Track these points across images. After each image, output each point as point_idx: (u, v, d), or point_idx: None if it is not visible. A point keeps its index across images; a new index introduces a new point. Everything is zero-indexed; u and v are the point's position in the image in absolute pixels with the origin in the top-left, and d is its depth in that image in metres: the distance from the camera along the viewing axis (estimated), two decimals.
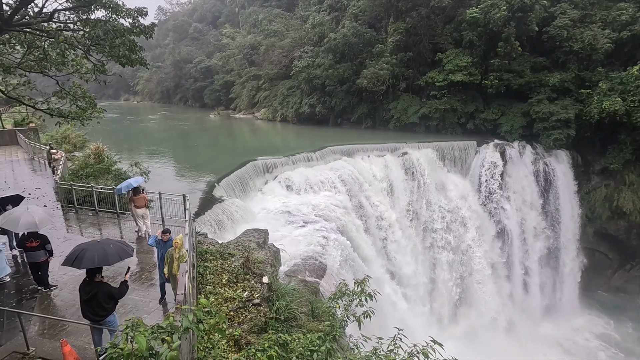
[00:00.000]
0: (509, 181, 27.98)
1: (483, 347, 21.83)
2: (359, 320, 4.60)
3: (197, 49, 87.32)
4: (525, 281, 28.02)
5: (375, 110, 39.18)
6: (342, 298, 4.98)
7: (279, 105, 50.32)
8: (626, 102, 26.21)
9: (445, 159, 28.13)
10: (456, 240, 26.24)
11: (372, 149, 27.08)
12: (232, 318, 10.25)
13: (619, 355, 24.71)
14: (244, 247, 13.25)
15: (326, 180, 22.41)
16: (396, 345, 4.03)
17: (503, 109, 32.02)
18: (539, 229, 28.78)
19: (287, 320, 10.76)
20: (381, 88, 36.41)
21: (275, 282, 12.03)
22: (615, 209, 28.29)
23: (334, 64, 39.85)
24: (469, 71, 32.10)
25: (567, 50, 29.83)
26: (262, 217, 18.94)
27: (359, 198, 23.11)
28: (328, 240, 17.80)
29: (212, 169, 22.05)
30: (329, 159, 25.37)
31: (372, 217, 23.15)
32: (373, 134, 35.83)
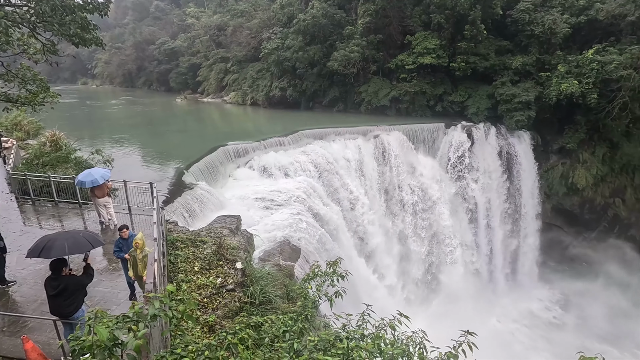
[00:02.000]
0: (475, 161, 29.09)
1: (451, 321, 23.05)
2: (331, 299, 4.71)
3: (159, 30, 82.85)
4: (490, 256, 29.66)
5: (346, 93, 39.13)
6: (315, 279, 5.07)
7: (248, 88, 49.11)
8: (582, 84, 27.64)
9: (416, 141, 28.74)
10: (427, 220, 27.20)
11: (344, 133, 27.16)
12: (206, 305, 10.21)
13: (571, 318, 26.96)
14: (216, 233, 13.09)
15: (299, 165, 22.35)
16: (365, 321, 4.17)
17: (470, 92, 32.91)
18: (503, 206, 30.34)
19: (262, 304, 10.85)
20: (352, 71, 36.30)
21: (249, 267, 12.03)
22: (571, 186, 30.23)
23: (304, 46, 39.15)
24: (438, 54, 32.58)
25: (529, 34, 30.86)
26: (235, 203, 18.69)
27: (332, 182, 23.28)
28: (302, 224, 17.90)
29: (180, 156, 21.36)
30: (301, 143, 25.23)
31: (345, 200, 23.46)
32: (345, 117, 35.90)
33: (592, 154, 30.07)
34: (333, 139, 26.34)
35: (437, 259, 27.09)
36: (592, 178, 29.80)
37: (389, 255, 24.55)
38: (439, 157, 29.27)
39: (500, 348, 20.95)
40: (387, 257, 24.25)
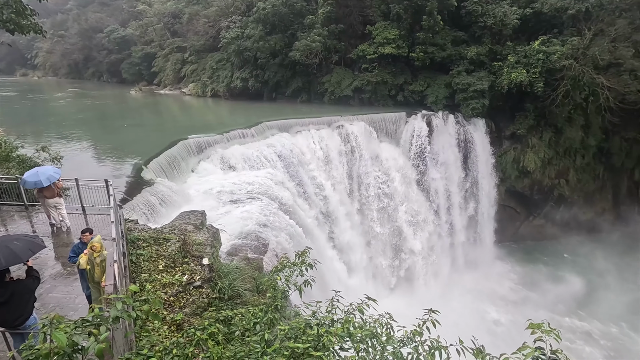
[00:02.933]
0: (435, 149, 30.26)
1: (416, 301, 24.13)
2: (300, 289, 4.76)
3: (108, 16, 77.40)
4: (451, 238, 31.20)
5: (309, 83, 38.97)
6: (284, 270, 5.09)
7: (208, 79, 47.44)
8: (529, 73, 29.44)
9: (379, 130, 29.31)
10: (392, 207, 28.01)
11: (308, 123, 27.12)
12: (173, 303, 9.93)
13: (523, 290, 29.19)
14: (180, 230, 12.69)
15: (264, 157, 22.08)
16: (334, 307, 4.26)
17: (429, 81, 33.96)
18: (462, 190, 31.92)
19: (232, 298, 10.74)
20: (314, 61, 36.15)
21: (216, 262, 11.81)
22: (522, 169, 32.38)
23: (264, 35, 38.34)
24: (397, 44, 33.21)
25: (482, 26, 32.25)
26: (198, 198, 18.18)
27: (298, 173, 23.25)
28: (269, 216, 17.79)
29: (138, 151, 20.32)
30: (265, 134, 24.89)
31: (311, 190, 23.56)
32: (309, 108, 35.80)
33: (540, 139, 32.31)
34: (298, 130, 26.23)
35: (402, 243, 28.08)
36: (540, 161, 32.08)
37: (357, 242, 25.10)
38: (401, 146, 30.10)
39: (463, 323, 22.26)
40: (354, 245, 24.77)
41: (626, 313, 26.21)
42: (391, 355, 3.55)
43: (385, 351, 3.65)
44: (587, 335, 25.18)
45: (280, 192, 20.14)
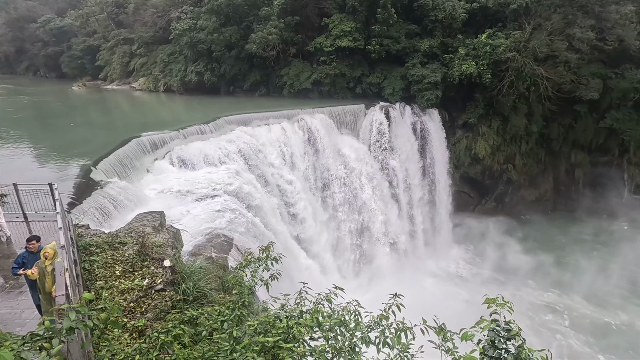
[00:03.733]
0: (394, 139, 31.15)
1: (382, 288, 24.94)
2: (267, 283, 4.73)
3: (41, 5, 70.80)
4: (412, 225, 32.45)
5: (268, 77, 38.35)
6: (249, 266, 5.02)
7: (160, 73, 45.11)
8: (478, 65, 31.07)
9: (339, 123, 29.60)
10: (354, 197, 28.53)
11: (268, 117, 26.76)
12: (134, 309, 9.46)
13: (480, 269, 31.22)
14: (137, 233, 12.07)
15: (224, 153, 21.50)
16: (302, 298, 4.30)
17: (385, 73, 34.73)
18: (420, 179, 33.23)
19: (197, 299, 10.44)
20: (272, 54, 35.57)
21: (178, 263, 11.40)
22: (474, 156, 34.32)
23: (218, 27, 37.04)
24: (354, 37, 33.56)
25: (433, 19, 33.44)
26: (156, 198, 17.39)
27: (260, 168, 22.92)
28: (232, 213, 17.44)
29: (85, 151, 18.93)
30: (224, 130, 24.22)
31: (274, 185, 23.37)
32: (268, 102, 35.29)
33: (489, 127, 34.37)
34: (258, 124, 25.81)
35: (366, 232, 28.77)
36: (489, 148, 34.17)
37: (321, 234, 25.35)
38: (361, 137, 30.64)
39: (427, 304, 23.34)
40: (319, 237, 25.00)
41: (569, 281, 29.06)
42: (359, 340, 3.65)
43: (354, 337, 3.75)
44: (541, 304, 27.60)
45: (243, 187, 19.77)
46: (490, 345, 3.19)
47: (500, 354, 3.13)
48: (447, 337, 4.24)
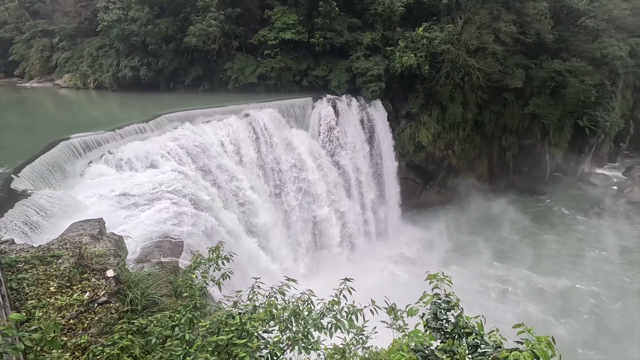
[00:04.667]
0: (342, 131, 31.73)
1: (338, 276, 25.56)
2: (218, 283, 4.63)
3: None
4: (363, 214, 33.50)
5: (210, 71, 36.88)
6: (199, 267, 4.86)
7: (89, 69, 41.35)
8: (417, 57, 32.58)
9: (287, 116, 29.45)
10: (306, 191, 28.71)
11: (214, 113, 25.82)
12: (75, 326, 8.72)
13: (426, 251, 33.22)
14: (73, 244, 11.05)
15: (167, 152, 20.40)
16: (255, 293, 4.28)
17: (331, 66, 35.10)
18: (369, 169, 34.30)
19: (147, 307, 9.88)
20: (213, 47, 34.20)
21: (123, 272, 10.67)
22: (417, 144, 36.19)
23: (153, 18, 34.72)
24: (297, 30, 33.39)
25: (374, 13, 34.34)
26: (94, 205, 16.06)
27: (207, 166, 22.11)
28: (180, 215, 16.68)
29: (3, 158, 16.88)
30: (166, 128, 22.93)
31: (224, 183, 22.72)
32: (213, 97, 33.99)
33: (430, 116, 36.39)
34: (203, 121, 24.79)
35: (320, 223, 29.17)
36: (431, 136, 36.24)
37: (276, 230, 25.23)
38: (310, 130, 30.81)
39: (380, 287, 24.36)
40: (274, 231, 24.87)
41: (512, 255, 32.11)
42: (312, 328, 3.74)
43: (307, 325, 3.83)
44: (494, 278, 30.12)
45: (190, 187, 18.97)
46: (432, 318, 3.47)
47: (441, 324, 3.41)
48: (397, 316, 4.49)
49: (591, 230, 37.13)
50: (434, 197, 39.83)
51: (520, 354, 2.89)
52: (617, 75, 42.28)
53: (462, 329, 3.32)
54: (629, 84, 49.08)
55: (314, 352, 4.88)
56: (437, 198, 39.84)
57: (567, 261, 32.02)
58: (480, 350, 3.24)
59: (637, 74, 47.06)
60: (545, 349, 2.95)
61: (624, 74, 43.17)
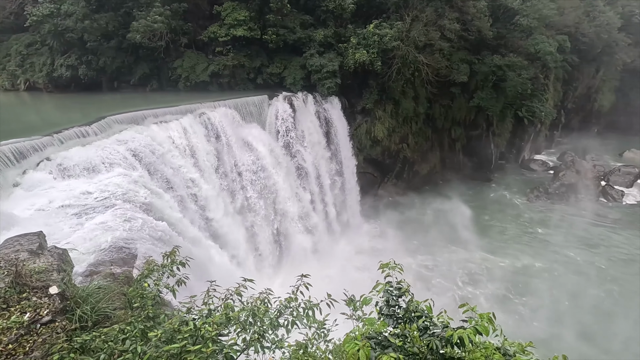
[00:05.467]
0: (300, 128, 31.71)
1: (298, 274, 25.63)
2: (173, 290, 4.45)
3: None
4: (325, 209, 33.83)
5: (159, 69, 35.09)
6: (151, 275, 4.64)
7: (18, 68, 37.64)
8: (369, 54, 33.30)
9: (243, 115, 28.86)
10: (266, 190, 28.39)
11: (165, 113, 24.61)
12: (14, 351, 7.96)
13: (386, 241, 34.25)
14: (8, 261, 10.01)
15: (115, 157, 19.14)
16: (210, 296, 4.17)
17: (285, 63, 34.85)
18: (328, 165, 34.65)
19: (98, 323, 9.26)
20: (160, 44, 32.52)
21: (70, 288, 9.89)
22: (373, 139, 37.14)
23: (90, 13, 32.27)
24: (249, 26, 32.73)
25: (325, 9, 34.55)
26: (32, 217, 14.75)
27: (161, 169, 21.09)
28: (132, 222, 15.78)
29: None
30: (112, 130, 21.49)
31: (180, 186, 21.81)
32: (162, 97, 32.39)
33: (384, 111, 37.45)
34: (154, 122, 23.54)
35: (281, 225, 29.02)
36: (386, 130, 37.35)
37: (236, 229, 24.74)
38: (267, 129, 30.45)
39: (344, 280, 24.81)
40: (234, 232, 24.37)
41: (470, 239, 34.20)
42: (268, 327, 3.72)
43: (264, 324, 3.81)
44: (458, 262, 31.80)
45: (142, 192, 18.00)
46: (385, 305, 3.60)
47: (394, 310, 3.56)
48: (356, 307, 4.61)
49: (533, 211, 40.52)
50: (392, 189, 41.17)
51: (464, 331, 3.12)
52: (549, 69, 46.28)
53: (412, 313, 3.49)
54: (558, 77, 53.91)
55: (279, 351, 4.87)
56: (395, 190, 41.22)
57: (519, 242, 34.75)
58: (429, 331, 3.44)
59: (565, 67, 51.83)
60: (486, 324, 3.21)
61: (554, 68, 47.34)
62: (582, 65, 55.46)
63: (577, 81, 58.84)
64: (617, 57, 59.95)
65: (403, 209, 38.73)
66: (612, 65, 61.58)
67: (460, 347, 3.18)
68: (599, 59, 57.65)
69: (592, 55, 54.90)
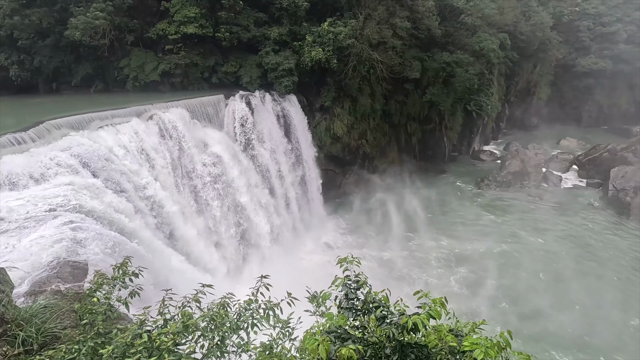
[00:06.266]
0: (259, 127, 31.27)
1: (268, 272, 25.40)
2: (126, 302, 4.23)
3: None
4: (288, 208, 33.71)
5: (103, 69, 32.92)
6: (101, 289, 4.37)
7: None
8: (325, 51, 33.53)
9: (199, 116, 27.92)
10: (228, 191, 27.73)
11: (113, 116, 23.15)
12: None
13: (349, 236, 35.11)
14: None
15: (57, 164, 17.73)
16: (166, 305, 4.02)
17: (240, 62, 34.13)
18: (289, 163, 34.52)
19: (46, 345, 8.55)
20: (103, 42, 30.49)
21: (10, 310, 9.04)
22: (333, 136, 37.55)
23: (20, 8, 29.51)
24: (201, 23, 31.64)
25: (279, 7, 34.25)
26: None
27: (111, 175, 19.84)
28: (81, 233, 14.74)
29: None
30: (53, 136, 19.84)
31: (133, 192, 20.68)
32: (109, 98, 30.47)
33: (342, 108, 37.97)
34: (100, 126, 22.06)
35: (245, 223, 28.54)
36: (345, 127, 37.92)
37: (197, 235, 23.96)
38: (225, 129, 29.71)
39: (309, 278, 24.93)
40: (196, 238, 23.59)
41: (432, 228, 35.92)
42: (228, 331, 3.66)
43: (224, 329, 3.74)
44: (426, 250, 33.06)
45: (90, 201, 16.85)
46: (344, 298, 3.69)
47: (352, 303, 3.66)
48: (320, 303, 4.66)
49: (485, 199, 43.22)
50: (354, 184, 41.94)
51: (418, 317, 3.28)
52: (493, 65, 49.39)
53: (370, 304, 3.61)
54: (501, 72, 57.74)
55: (245, 354, 4.81)
56: (356, 185, 42.02)
57: (474, 227, 36.90)
58: (387, 320, 3.58)
59: (507, 63, 55.63)
60: (439, 309, 3.40)
61: (498, 64, 50.64)
62: (522, 61, 59.83)
63: (518, 76, 63.38)
64: (551, 54, 65.42)
65: (366, 203, 39.62)
66: (547, 61, 67.09)
67: (416, 332, 3.35)
68: (536, 56, 62.49)
69: (529, 52, 59.35)
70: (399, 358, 3.27)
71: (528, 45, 57.17)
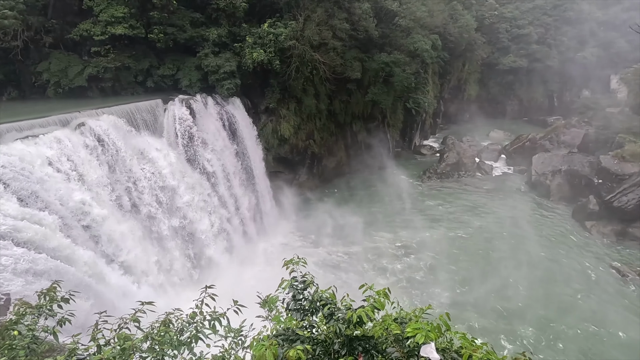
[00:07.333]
0: (203, 132, 30.07)
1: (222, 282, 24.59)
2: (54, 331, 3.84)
3: None
4: (240, 216, 32.88)
5: (17, 74, 29.43)
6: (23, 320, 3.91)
7: None
8: (267, 53, 33.18)
9: (135, 123, 26.17)
10: (173, 201, 26.32)
11: (32, 126, 20.88)
12: None
13: (304, 238, 35.18)
14: None
15: None
16: (99, 330, 3.71)
17: (178, 64, 32.55)
18: (237, 167, 33.66)
19: None
20: (15, 44, 27.26)
21: None
22: (280, 137, 37.31)
23: None
24: (130, 23, 29.59)
25: (216, 7, 33.23)
26: None
27: (35, 193, 17.88)
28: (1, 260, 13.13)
29: None
30: None
31: (63, 210, 18.82)
32: (26, 107, 27.31)
33: (288, 110, 37.88)
34: (17, 138, 19.74)
35: (193, 234, 27.34)
36: (292, 128, 37.87)
37: (141, 251, 22.47)
38: (165, 135, 28.18)
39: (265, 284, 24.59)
40: (141, 256, 22.10)
41: (386, 222, 37.00)
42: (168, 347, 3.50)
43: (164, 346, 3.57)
44: (387, 243, 34.11)
45: (12, 223, 15.06)
46: (292, 299, 3.72)
47: (300, 303, 3.70)
48: (272, 307, 4.62)
49: (428, 190, 45.88)
50: (304, 185, 42.11)
51: (362, 310, 3.43)
52: (427, 65, 52.60)
53: (317, 302, 3.68)
54: (435, 71, 61.75)
55: None
56: (307, 186, 42.23)
57: (420, 216, 39.01)
58: (335, 317, 3.67)
59: (439, 63, 59.58)
60: (382, 300, 3.58)
61: (431, 63, 54.03)
62: (452, 61, 64.53)
63: (449, 74, 68.24)
64: (477, 53, 71.35)
65: (316, 202, 40.00)
66: (474, 60, 73.13)
67: (362, 325, 3.47)
68: (464, 55, 67.78)
69: (458, 52, 64.20)
70: (347, 352, 3.38)
71: (457, 46, 61.74)
